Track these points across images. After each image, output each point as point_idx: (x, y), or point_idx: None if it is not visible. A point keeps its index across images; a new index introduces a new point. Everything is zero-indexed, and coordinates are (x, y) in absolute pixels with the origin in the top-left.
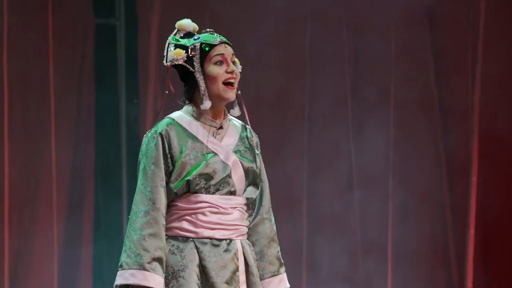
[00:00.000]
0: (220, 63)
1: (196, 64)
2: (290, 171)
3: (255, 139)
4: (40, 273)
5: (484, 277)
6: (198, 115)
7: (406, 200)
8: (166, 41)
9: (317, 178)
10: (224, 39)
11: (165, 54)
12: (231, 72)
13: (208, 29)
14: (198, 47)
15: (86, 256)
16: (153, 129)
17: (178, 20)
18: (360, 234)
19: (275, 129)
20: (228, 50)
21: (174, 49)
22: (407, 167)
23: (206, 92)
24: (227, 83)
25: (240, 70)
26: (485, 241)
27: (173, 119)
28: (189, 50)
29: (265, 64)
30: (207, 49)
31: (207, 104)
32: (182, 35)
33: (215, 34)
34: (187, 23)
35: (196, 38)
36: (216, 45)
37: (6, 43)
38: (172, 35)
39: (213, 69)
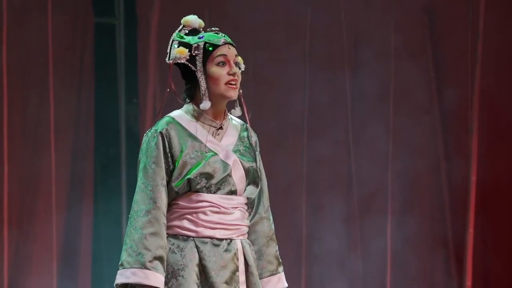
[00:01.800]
0: (223, 64)
1: (199, 64)
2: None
3: (254, 138)
4: (40, 273)
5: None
6: (198, 115)
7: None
8: (167, 39)
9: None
10: (229, 40)
11: (168, 51)
12: (233, 74)
13: (213, 28)
14: (202, 46)
15: (85, 256)
16: (153, 128)
17: (177, 19)
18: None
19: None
20: (231, 51)
21: (178, 46)
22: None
23: (206, 92)
24: (229, 84)
25: (243, 69)
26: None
27: (173, 118)
28: (193, 49)
29: (264, 60)
30: (210, 49)
31: (206, 104)
32: (187, 32)
33: (220, 34)
34: (193, 19)
35: (200, 36)
36: (219, 45)
37: (5, 42)
38: (176, 31)
39: (215, 70)
